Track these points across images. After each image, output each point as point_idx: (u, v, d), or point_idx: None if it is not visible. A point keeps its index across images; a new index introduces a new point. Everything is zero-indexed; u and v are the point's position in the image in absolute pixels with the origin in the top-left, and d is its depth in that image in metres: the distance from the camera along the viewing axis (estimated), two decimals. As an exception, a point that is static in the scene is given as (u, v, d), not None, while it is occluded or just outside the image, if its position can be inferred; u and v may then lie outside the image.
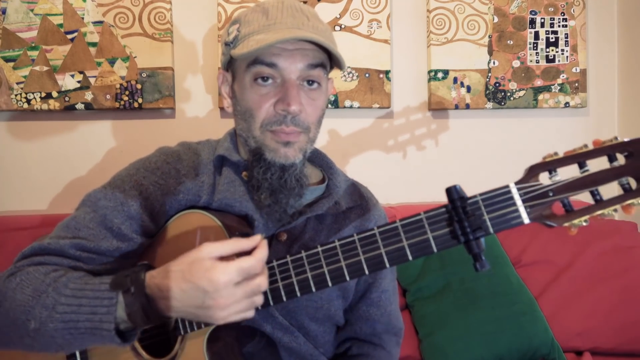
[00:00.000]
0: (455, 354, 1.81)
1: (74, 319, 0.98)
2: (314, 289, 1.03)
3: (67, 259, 1.10)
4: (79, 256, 1.11)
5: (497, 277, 1.94)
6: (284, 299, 1.05)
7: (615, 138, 0.89)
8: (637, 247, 2.06)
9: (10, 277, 1.06)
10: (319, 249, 1.03)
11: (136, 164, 1.25)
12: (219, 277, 0.91)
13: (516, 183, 0.94)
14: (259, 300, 1.00)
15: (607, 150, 0.89)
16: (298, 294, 1.04)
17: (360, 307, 1.36)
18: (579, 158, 0.90)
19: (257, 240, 0.99)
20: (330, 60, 1.21)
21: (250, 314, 0.99)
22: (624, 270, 2.00)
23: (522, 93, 2.29)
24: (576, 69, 2.31)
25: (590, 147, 0.90)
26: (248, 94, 1.18)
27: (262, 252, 0.97)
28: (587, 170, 0.90)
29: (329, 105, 2.19)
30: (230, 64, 1.25)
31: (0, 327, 1.04)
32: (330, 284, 1.02)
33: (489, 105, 2.27)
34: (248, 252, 0.97)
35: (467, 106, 2.27)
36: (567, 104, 2.31)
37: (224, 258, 0.96)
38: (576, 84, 2.31)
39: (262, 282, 0.98)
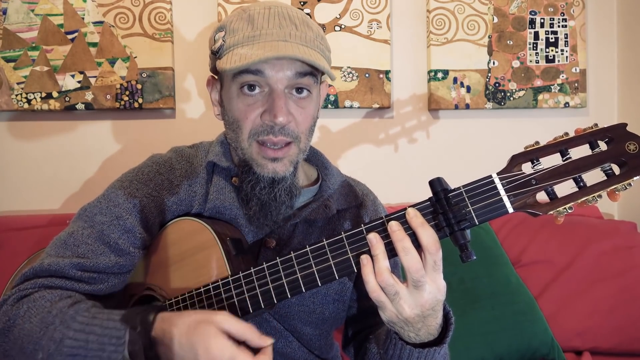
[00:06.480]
0: (455, 353, 1.78)
1: (81, 354, 0.97)
2: (304, 289, 1.02)
3: (69, 280, 1.09)
4: (80, 277, 1.10)
5: (496, 277, 1.93)
6: (275, 300, 1.04)
7: (596, 125, 0.89)
8: (636, 247, 2.05)
9: (18, 303, 1.05)
10: (307, 248, 1.03)
11: (129, 175, 1.24)
12: (215, 350, 0.90)
13: (498, 173, 0.94)
14: None
15: (588, 137, 0.89)
16: (289, 294, 1.03)
17: (367, 302, 1.33)
18: (560, 146, 0.90)
19: (267, 343, 0.96)
20: None
21: None
22: (623, 270, 1.99)
23: (521, 93, 2.29)
24: (576, 69, 2.31)
25: (572, 135, 0.90)
26: (235, 104, 1.16)
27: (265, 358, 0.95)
28: (569, 158, 0.90)
29: (329, 106, 2.19)
30: (217, 70, 1.23)
31: (10, 352, 1.03)
32: (319, 283, 1.02)
33: (489, 105, 2.27)
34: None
35: (467, 106, 2.27)
36: (566, 104, 2.31)
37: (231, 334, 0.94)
38: (576, 84, 2.31)
39: None
